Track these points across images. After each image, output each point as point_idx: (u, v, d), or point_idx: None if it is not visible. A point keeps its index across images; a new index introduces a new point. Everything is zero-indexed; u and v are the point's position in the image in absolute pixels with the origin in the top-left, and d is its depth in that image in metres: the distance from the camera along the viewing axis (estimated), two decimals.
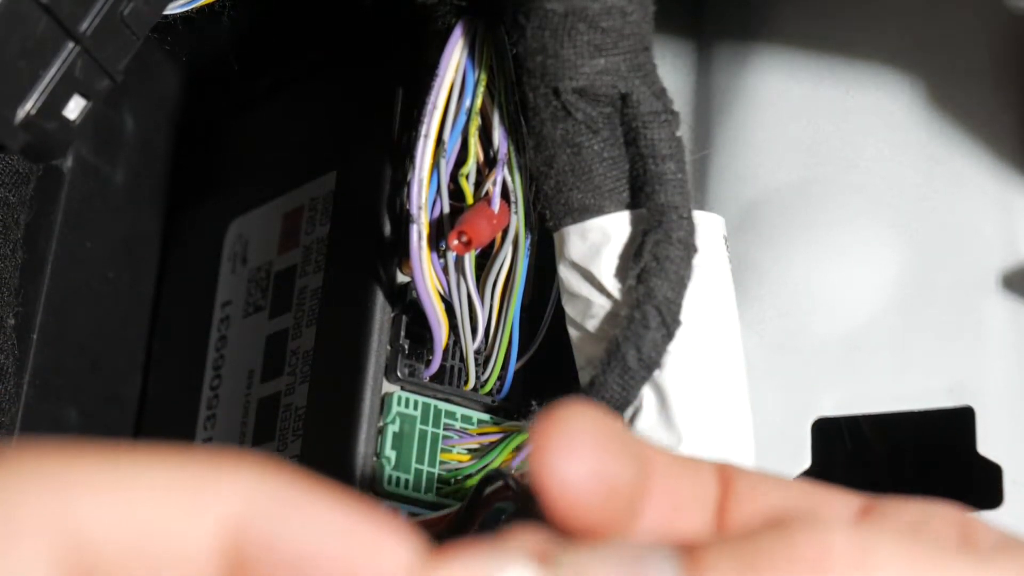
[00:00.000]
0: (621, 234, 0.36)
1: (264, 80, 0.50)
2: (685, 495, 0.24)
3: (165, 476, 0.19)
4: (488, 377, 0.41)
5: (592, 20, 0.35)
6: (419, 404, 0.40)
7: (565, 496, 0.22)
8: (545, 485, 0.22)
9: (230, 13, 0.42)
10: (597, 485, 0.22)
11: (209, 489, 0.19)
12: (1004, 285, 0.42)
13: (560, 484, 0.22)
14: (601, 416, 0.23)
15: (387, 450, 0.39)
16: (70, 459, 0.19)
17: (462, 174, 0.40)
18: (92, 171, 0.48)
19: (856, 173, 0.44)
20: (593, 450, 0.22)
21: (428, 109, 0.40)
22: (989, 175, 0.43)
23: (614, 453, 0.23)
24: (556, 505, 0.22)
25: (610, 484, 0.22)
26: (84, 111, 0.35)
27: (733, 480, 0.25)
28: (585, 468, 0.22)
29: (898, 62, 0.45)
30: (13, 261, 0.43)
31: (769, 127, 0.45)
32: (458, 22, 0.40)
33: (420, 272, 0.39)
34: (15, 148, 0.34)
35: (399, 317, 0.41)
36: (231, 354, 0.46)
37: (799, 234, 0.44)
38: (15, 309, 0.43)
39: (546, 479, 0.22)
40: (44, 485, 0.19)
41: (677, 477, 0.24)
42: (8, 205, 0.43)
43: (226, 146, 0.51)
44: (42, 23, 0.33)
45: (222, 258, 0.48)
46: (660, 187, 0.36)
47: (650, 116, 0.36)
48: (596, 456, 0.22)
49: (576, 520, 0.22)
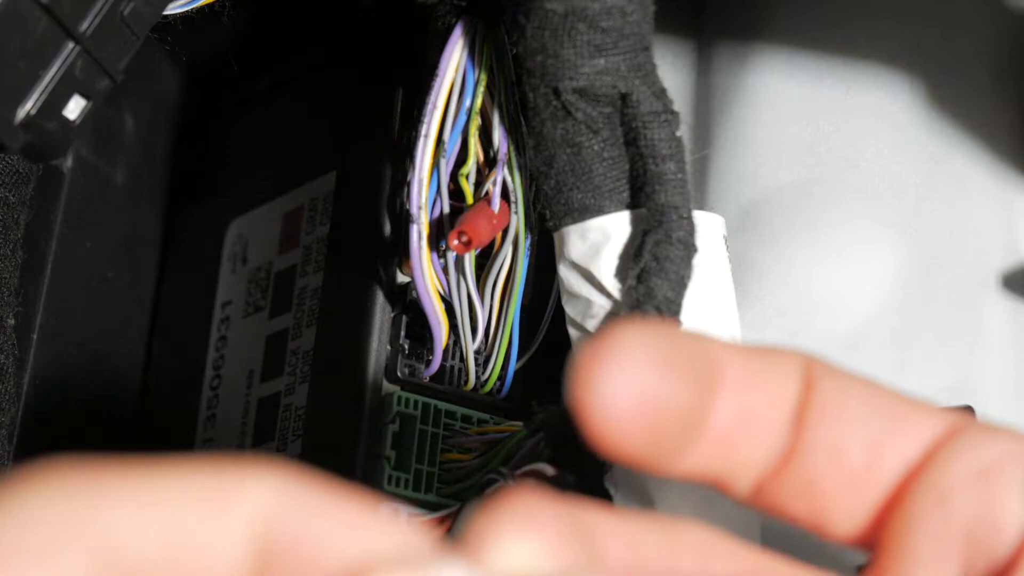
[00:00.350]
0: (621, 234, 0.36)
1: (264, 80, 0.50)
2: (758, 407, 0.22)
3: (192, 484, 0.19)
4: (488, 377, 0.41)
5: (592, 20, 0.35)
6: (419, 404, 0.40)
7: (604, 423, 0.20)
8: (581, 409, 0.20)
9: (230, 13, 0.42)
10: (643, 409, 0.20)
11: (236, 493, 0.19)
12: (1004, 285, 0.42)
13: (598, 408, 0.20)
14: (662, 329, 0.21)
15: (387, 450, 0.39)
16: (100, 474, 0.19)
17: (462, 174, 0.40)
18: (92, 171, 0.48)
19: (856, 173, 0.44)
20: (642, 368, 0.20)
21: (428, 109, 0.40)
22: (989, 175, 0.43)
23: (670, 371, 0.21)
24: (595, 433, 0.20)
25: (660, 408, 0.21)
26: (84, 111, 0.35)
27: (816, 381, 0.23)
28: (630, 389, 0.20)
29: (898, 62, 0.45)
30: (13, 261, 0.43)
31: (769, 127, 0.45)
32: (458, 22, 0.40)
33: (420, 272, 0.39)
34: (15, 148, 0.34)
35: (399, 317, 0.41)
36: (231, 354, 0.46)
37: (799, 234, 0.44)
38: (15, 309, 0.43)
39: (582, 401, 0.20)
40: (77, 500, 0.19)
41: (751, 386, 0.22)
42: (8, 205, 0.43)
43: (226, 146, 0.51)
44: (42, 23, 0.33)
45: (222, 258, 0.48)
46: (660, 187, 0.36)
47: (650, 116, 0.36)
48: (645, 375, 0.20)
49: (619, 450, 0.21)
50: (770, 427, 0.22)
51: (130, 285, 0.49)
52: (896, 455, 0.22)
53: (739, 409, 0.22)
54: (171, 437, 0.47)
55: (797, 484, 0.23)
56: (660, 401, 0.21)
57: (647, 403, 0.21)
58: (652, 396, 0.21)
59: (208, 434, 0.46)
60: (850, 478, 0.22)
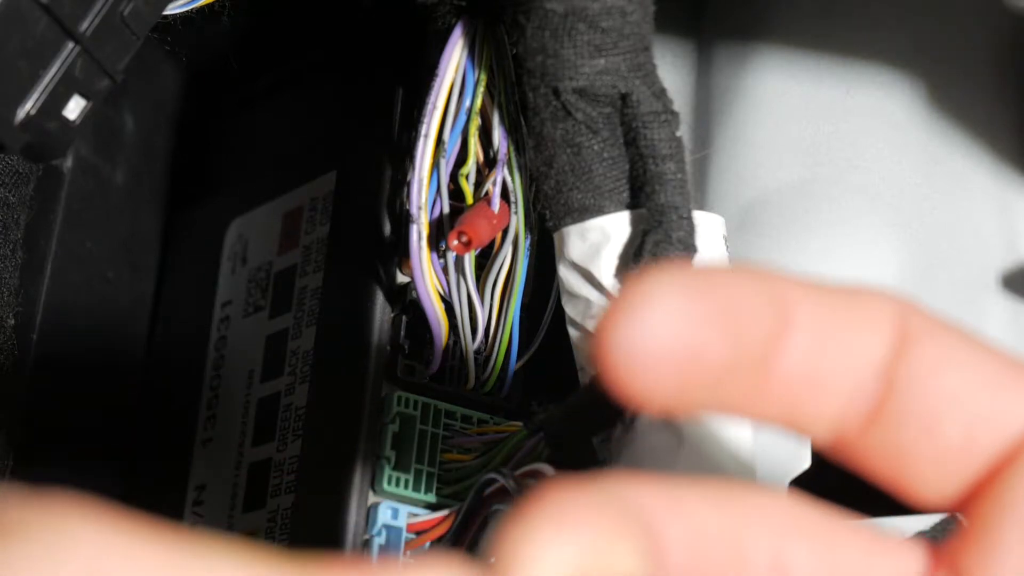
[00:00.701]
0: (621, 234, 0.36)
1: (264, 80, 0.50)
2: (835, 356, 0.20)
3: None
4: (488, 377, 0.41)
5: (592, 20, 0.35)
6: (419, 404, 0.40)
7: (626, 371, 0.19)
8: (603, 354, 0.18)
9: (230, 13, 0.42)
10: (672, 358, 0.18)
11: None
12: (1004, 285, 0.42)
13: (621, 361, 0.18)
14: (702, 270, 0.19)
15: (387, 450, 0.39)
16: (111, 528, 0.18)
17: (462, 174, 0.40)
18: (92, 171, 0.48)
19: (856, 173, 0.44)
20: (672, 312, 0.18)
21: (428, 109, 0.40)
22: (989, 175, 0.43)
23: (707, 314, 0.19)
24: (620, 387, 0.19)
25: (693, 356, 0.19)
26: (84, 111, 0.35)
27: (914, 335, 0.21)
28: (656, 336, 0.18)
29: (898, 62, 0.45)
30: (13, 261, 0.43)
31: (769, 127, 0.45)
32: (458, 22, 0.40)
33: (420, 272, 0.39)
34: (15, 148, 0.34)
35: (399, 317, 0.41)
36: (231, 354, 0.46)
37: (799, 234, 0.44)
38: (15, 309, 0.43)
39: (604, 354, 0.18)
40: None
41: (829, 331, 0.20)
42: (8, 205, 0.43)
43: (226, 146, 0.51)
44: (42, 23, 0.33)
45: (222, 258, 0.48)
46: (660, 187, 0.36)
47: (650, 116, 0.36)
48: (674, 321, 0.18)
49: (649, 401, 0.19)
50: (850, 381, 0.20)
51: (130, 285, 0.49)
52: (997, 434, 0.21)
53: (812, 357, 0.20)
54: (171, 437, 0.47)
55: (882, 447, 0.21)
56: (692, 348, 0.19)
57: (676, 351, 0.19)
58: (683, 343, 0.19)
59: (208, 434, 0.46)
60: (943, 454, 0.21)
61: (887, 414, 0.21)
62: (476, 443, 0.40)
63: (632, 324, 0.18)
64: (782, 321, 0.20)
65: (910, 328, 0.21)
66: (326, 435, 0.41)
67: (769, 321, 0.20)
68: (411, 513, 0.39)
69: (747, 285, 0.20)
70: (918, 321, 0.21)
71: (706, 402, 0.20)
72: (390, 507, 0.39)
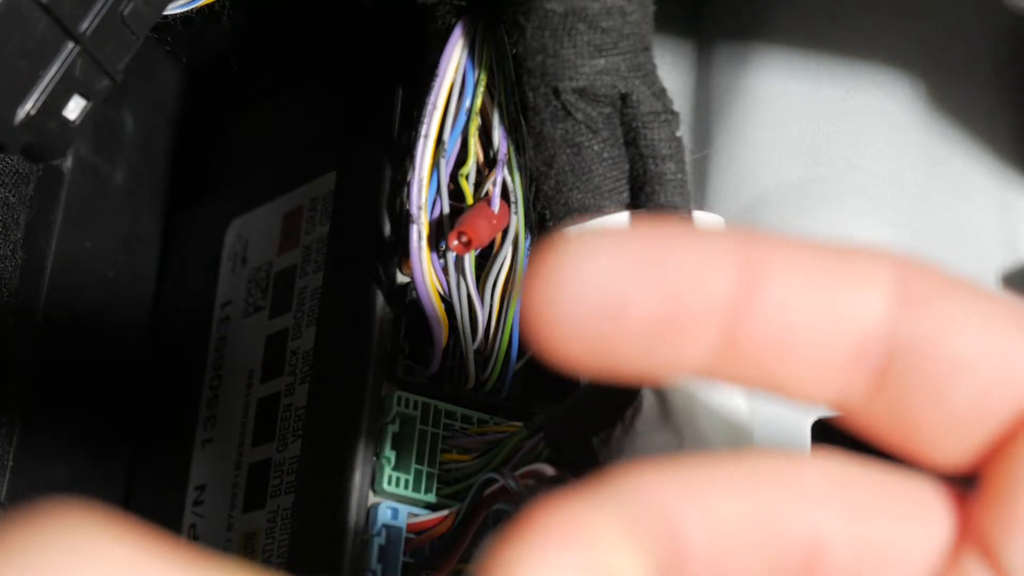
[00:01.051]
0: None
1: (264, 80, 0.50)
2: (818, 317, 0.19)
3: None
4: (488, 377, 0.41)
5: (592, 20, 0.35)
6: (419, 404, 0.40)
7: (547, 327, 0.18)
8: (526, 310, 0.18)
9: (230, 13, 0.42)
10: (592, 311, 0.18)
11: None
12: (1004, 285, 0.42)
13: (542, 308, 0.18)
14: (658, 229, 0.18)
15: (387, 450, 0.39)
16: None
17: (462, 174, 0.40)
18: (92, 171, 0.48)
19: (856, 173, 0.44)
20: (598, 261, 0.18)
21: (428, 109, 0.40)
22: (989, 175, 0.43)
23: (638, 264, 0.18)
24: (542, 341, 0.18)
25: (615, 308, 0.18)
26: (84, 111, 0.35)
27: (916, 297, 0.20)
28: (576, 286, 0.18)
29: (898, 62, 0.45)
30: (13, 261, 0.43)
31: (769, 127, 0.45)
32: (458, 22, 0.40)
33: (420, 272, 0.39)
34: (15, 148, 0.34)
35: (399, 317, 0.41)
36: (231, 354, 0.46)
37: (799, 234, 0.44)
38: (15, 309, 0.43)
39: (527, 301, 0.18)
40: None
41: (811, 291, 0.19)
42: (8, 205, 0.43)
43: (226, 146, 0.51)
44: (42, 23, 0.33)
45: (222, 258, 0.48)
46: (660, 187, 0.36)
47: (650, 116, 0.36)
48: (599, 269, 0.18)
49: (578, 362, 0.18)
50: (844, 345, 0.19)
51: (130, 285, 0.49)
52: (1011, 397, 0.20)
53: (790, 318, 0.19)
54: (171, 437, 0.47)
55: (888, 416, 0.20)
56: (615, 300, 0.18)
57: (599, 304, 0.18)
58: (605, 295, 0.18)
59: (208, 434, 0.46)
60: (954, 421, 0.20)
61: (891, 381, 0.20)
62: (476, 443, 0.40)
63: (550, 278, 0.18)
64: (747, 278, 0.19)
65: (912, 288, 0.20)
66: (326, 435, 0.41)
67: (723, 277, 0.19)
68: (411, 513, 0.39)
69: (698, 242, 0.19)
70: (921, 280, 0.20)
71: (650, 360, 0.19)
72: (390, 507, 0.39)
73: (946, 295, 0.20)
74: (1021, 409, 0.20)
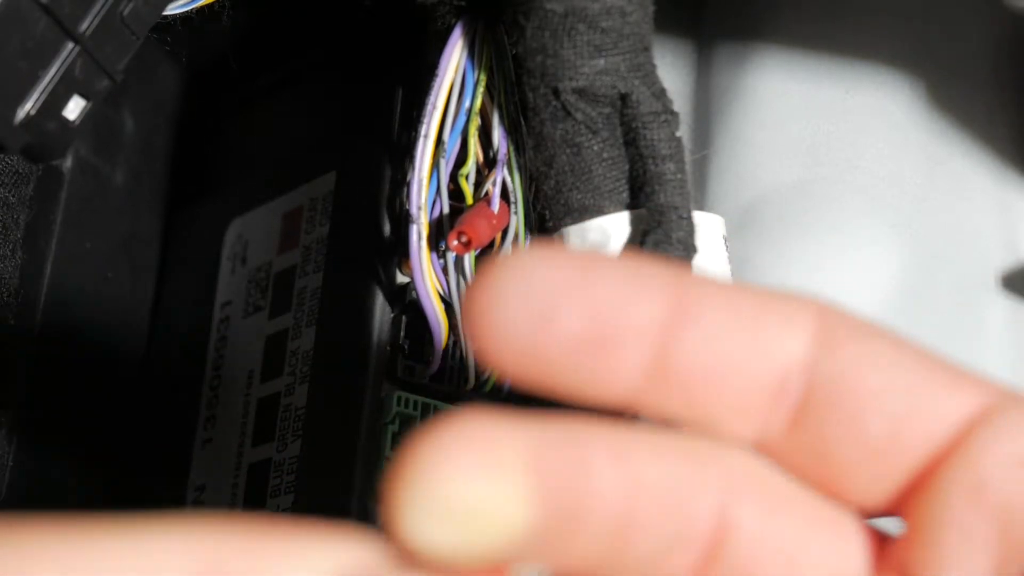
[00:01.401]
0: (621, 234, 0.36)
1: (264, 80, 0.50)
2: (744, 354, 0.20)
3: None
4: (488, 377, 0.41)
5: (592, 20, 0.35)
6: (419, 404, 0.40)
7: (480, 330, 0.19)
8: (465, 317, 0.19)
9: (230, 13, 0.42)
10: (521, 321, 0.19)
11: None
12: (1004, 285, 0.42)
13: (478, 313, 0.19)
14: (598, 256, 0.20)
15: (387, 450, 0.39)
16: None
17: (462, 174, 0.40)
18: (92, 171, 0.48)
19: (856, 173, 0.44)
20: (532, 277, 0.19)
21: (428, 109, 0.40)
22: (989, 175, 0.43)
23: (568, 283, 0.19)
24: (476, 344, 0.19)
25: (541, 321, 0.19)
26: (84, 111, 0.35)
27: (834, 339, 0.21)
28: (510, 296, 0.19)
29: (898, 62, 0.45)
30: (13, 261, 0.43)
31: (769, 127, 0.45)
32: (458, 22, 0.40)
33: (420, 272, 0.39)
34: (15, 148, 0.34)
35: (399, 317, 0.41)
36: (231, 354, 0.46)
37: (799, 234, 0.44)
38: (15, 309, 0.43)
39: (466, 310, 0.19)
40: None
41: (737, 328, 0.20)
42: (8, 205, 0.43)
43: (226, 146, 0.51)
44: (42, 23, 0.33)
45: (222, 258, 0.48)
46: (660, 187, 0.36)
47: (650, 116, 0.36)
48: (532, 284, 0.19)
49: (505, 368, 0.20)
50: (766, 381, 0.20)
51: (130, 285, 0.49)
52: (924, 433, 0.20)
53: (717, 352, 0.20)
54: (170, 437, 0.47)
55: (809, 449, 0.21)
56: (542, 314, 0.19)
57: (527, 316, 0.19)
58: (533, 309, 0.19)
59: (208, 434, 0.46)
60: (870, 453, 0.21)
61: (810, 415, 0.21)
62: None
63: (488, 288, 0.19)
64: (677, 310, 0.20)
65: (832, 330, 0.21)
66: (326, 435, 0.41)
67: (652, 306, 0.20)
68: None
69: (630, 270, 0.20)
70: (840, 324, 0.21)
71: (580, 376, 0.20)
72: None
73: (861, 338, 0.21)
74: (933, 448, 0.20)
